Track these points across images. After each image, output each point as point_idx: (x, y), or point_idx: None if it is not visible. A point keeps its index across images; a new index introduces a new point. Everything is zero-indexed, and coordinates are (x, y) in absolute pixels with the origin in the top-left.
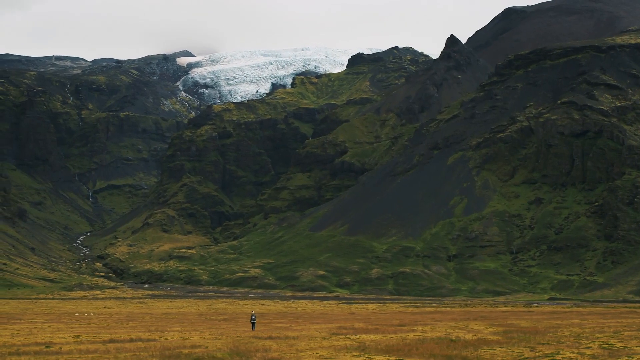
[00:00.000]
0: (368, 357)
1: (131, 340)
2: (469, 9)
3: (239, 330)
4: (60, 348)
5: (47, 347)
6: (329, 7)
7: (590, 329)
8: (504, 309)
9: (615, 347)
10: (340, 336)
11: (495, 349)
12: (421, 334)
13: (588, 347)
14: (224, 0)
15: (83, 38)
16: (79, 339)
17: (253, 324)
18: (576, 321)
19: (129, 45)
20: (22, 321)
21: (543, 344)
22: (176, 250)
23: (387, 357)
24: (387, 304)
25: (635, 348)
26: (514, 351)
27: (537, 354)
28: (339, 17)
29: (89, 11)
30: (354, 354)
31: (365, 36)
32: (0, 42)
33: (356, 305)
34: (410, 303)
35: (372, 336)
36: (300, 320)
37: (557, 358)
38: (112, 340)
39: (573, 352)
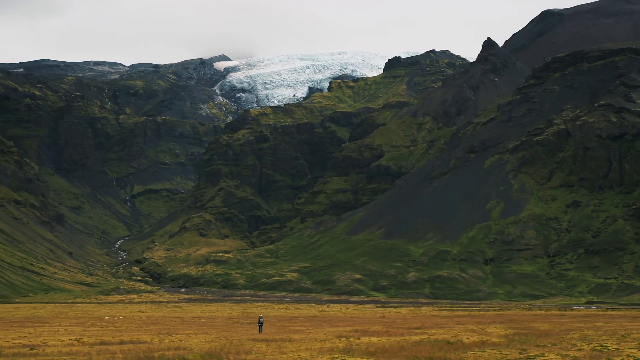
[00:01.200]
0: (345, 359)
1: (121, 343)
2: (506, 12)
3: (248, 333)
4: (44, 350)
5: (31, 349)
6: (366, 11)
7: (603, 332)
8: (537, 312)
9: (608, 349)
10: (343, 339)
11: (485, 351)
12: (428, 336)
13: (580, 350)
14: (262, 5)
15: (121, 43)
16: (75, 342)
17: (260, 326)
18: (599, 324)
19: (166, 50)
20: (46, 324)
21: (540, 346)
22: (213, 255)
23: (366, 359)
24: (421, 308)
25: (626, 350)
26: (502, 352)
27: (522, 355)
28: (376, 21)
29: (127, 17)
30: (335, 355)
31: (402, 40)
32: (39, 48)
33: (390, 309)
34: (445, 307)
35: (374, 339)
36: (324, 323)
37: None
38: (102, 343)
39: (558, 354)
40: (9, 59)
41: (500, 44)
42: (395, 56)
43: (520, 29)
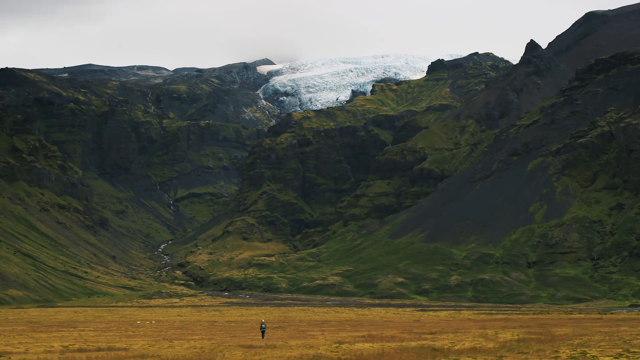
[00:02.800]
0: None
1: (98, 350)
2: (549, 13)
3: (248, 337)
4: (10, 357)
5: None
6: (409, 14)
7: (609, 338)
8: (577, 316)
9: (585, 356)
10: (334, 345)
11: (459, 358)
12: (426, 342)
13: (555, 358)
14: (305, 9)
15: (165, 48)
16: (52, 349)
17: (263, 332)
18: (624, 328)
19: (210, 55)
20: (69, 329)
21: (524, 353)
22: (255, 258)
23: None
24: (461, 311)
25: (601, 358)
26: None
27: None
28: (419, 24)
29: (170, 22)
30: None
31: (445, 42)
32: (84, 53)
33: (430, 312)
34: (486, 310)
35: (367, 345)
36: (348, 327)
37: None
38: (80, 350)
39: None
40: (54, 64)
41: (544, 46)
42: (439, 59)
43: (563, 30)
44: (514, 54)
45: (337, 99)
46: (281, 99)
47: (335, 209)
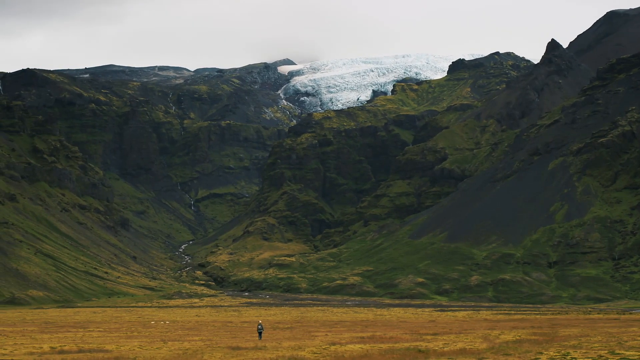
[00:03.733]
0: None
1: (80, 351)
2: (570, 13)
3: (246, 338)
4: None
5: None
6: (430, 14)
7: (607, 339)
8: (595, 316)
9: (567, 357)
10: (334, 346)
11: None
12: (420, 343)
13: (539, 353)
14: (326, 9)
15: (186, 48)
16: (51, 349)
17: (260, 333)
18: (633, 329)
19: (231, 55)
20: (79, 330)
21: (508, 354)
22: (276, 258)
23: None
24: (480, 312)
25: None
26: None
27: None
28: (440, 24)
29: (191, 22)
30: None
31: (466, 42)
32: (105, 54)
33: (448, 313)
34: (505, 310)
35: (357, 346)
36: (356, 328)
37: None
38: (61, 352)
39: None
40: (75, 64)
41: (565, 45)
42: (460, 59)
43: (585, 30)
44: (535, 54)
45: (358, 99)
46: (302, 99)
47: (356, 209)
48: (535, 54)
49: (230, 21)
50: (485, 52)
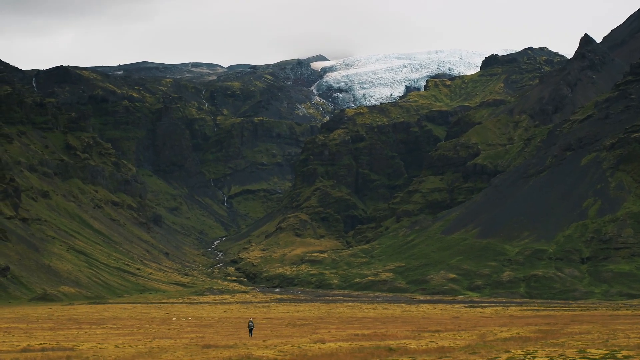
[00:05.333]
0: None
1: (43, 350)
2: (604, 7)
3: (239, 336)
4: None
5: None
6: (463, 9)
7: (608, 335)
8: (621, 312)
9: (529, 354)
10: (314, 344)
11: (402, 358)
12: (409, 340)
13: (507, 353)
14: (359, 5)
15: (220, 45)
16: (26, 346)
17: (250, 330)
18: None
19: (264, 51)
20: (92, 327)
21: (475, 352)
22: (308, 254)
23: None
24: (509, 308)
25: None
26: (419, 358)
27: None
28: (474, 19)
29: (225, 18)
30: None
31: (499, 37)
32: (139, 51)
33: (477, 309)
34: (535, 307)
35: (336, 344)
36: (370, 325)
37: None
38: (25, 350)
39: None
40: (109, 61)
41: (598, 40)
42: (493, 54)
43: (618, 24)
44: (568, 49)
45: (391, 94)
46: (335, 95)
47: (388, 205)
48: (568, 49)
49: (264, 17)
50: (518, 48)
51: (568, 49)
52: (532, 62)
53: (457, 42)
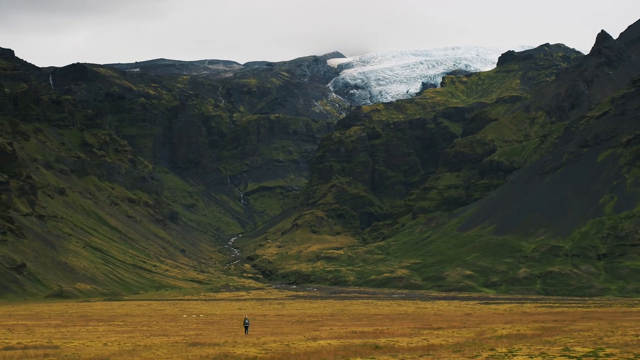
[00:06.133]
0: None
1: (24, 348)
2: (621, 3)
3: (234, 333)
4: None
5: None
6: (480, 6)
7: (593, 333)
8: (635, 309)
9: (512, 352)
10: (302, 342)
11: (383, 356)
12: (393, 339)
13: (474, 357)
14: (375, 2)
15: (237, 42)
16: (14, 345)
17: (246, 327)
18: None
19: (280, 48)
20: (99, 323)
21: (459, 351)
22: (324, 251)
23: None
24: (523, 304)
25: (517, 356)
26: (400, 356)
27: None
28: (490, 15)
29: (242, 15)
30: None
31: (516, 34)
32: (156, 48)
33: (492, 305)
34: (549, 303)
35: (326, 342)
36: (377, 322)
37: None
38: (7, 348)
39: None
40: (126, 59)
41: (615, 36)
42: (509, 50)
43: (635, 21)
44: (585, 45)
45: (408, 91)
46: (351, 92)
47: (405, 201)
48: (585, 45)
49: (280, 14)
50: (535, 44)
51: (585, 45)
52: (549, 58)
53: (474, 38)
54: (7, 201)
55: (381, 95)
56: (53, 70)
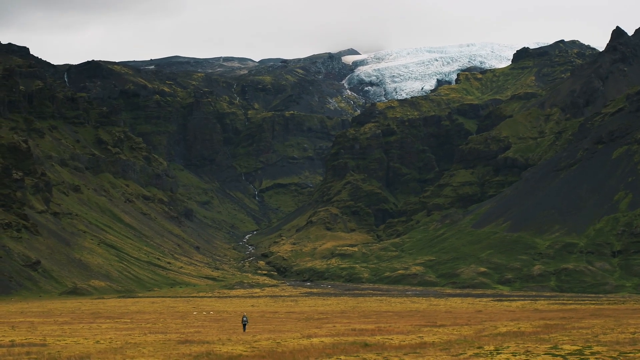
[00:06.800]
0: None
1: (11, 346)
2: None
3: (233, 331)
4: None
5: None
6: (494, 2)
7: (602, 330)
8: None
9: (498, 350)
10: (293, 340)
11: (368, 354)
12: (388, 337)
13: (458, 355)
14: None
15: (252, 39)
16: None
17: (244, 325)
18: None
19: (295, 45)
20: (107, 320)
21: (446, 348)
22: (338, 248)
23: None
24: (537, 301)
25: (500, 354)
26: (382, 355)
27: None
28: (505, 12)
29: (256, 13)
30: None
31: (531, 30)
32: (166, 46)
33: (505, 302)
34: (563, 301)
35: (318, 339)
36: (382, 319)
37: None
38: None
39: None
40: (140, 56)
41: (630, 32)
42: (524, 47)
43: None
44: (600, 41)
45: (422, 88)
46: (366, 88)
47: (419, 198)
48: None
49: (295, 11)
50: (550, 41)
51: (600, 41)
52: (564, 55)
53: (489, 35)
54: (22, 198)
55: (396, 92)
56: (68, 68)
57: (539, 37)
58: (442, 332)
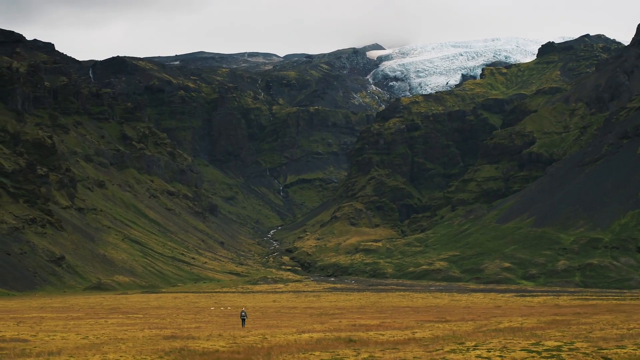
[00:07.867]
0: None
1: (2, 341)
2: None
3: (231, 326)
4: None
5: None
6: None
7: (602, 326)
8: None
9: (487, 346)
10: (282, 336)
11: (346, 350)
12: (382, 332)
13: (436, 351)
14: None
15: (277, 35)
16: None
17: (243, 320)
18: None
19: (320, 40)
20: (119, 316)
21: (429, 344)
22: (362, 244)
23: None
24: (560, 297)
25: (479, 350)
26: (366, 350)
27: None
28: (531, 7)
29: (281, 8)
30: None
31: (557, 25)
32: (196, 41)
33: (527, 298)
34: (586, 296)
35: (308, 335)
36: (401, 313)
37: (376, 355)
38: None
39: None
40: (165, 52)
41: None
42: (549, 42)
43: None
44: (625, 36)
45: (447, 83)
46: (391, 84)
47: (444, 193)
48: (625, 36)
49: (320, 7)
50: (575, 35)
51: (625, 36)
52: (589, 49)
53: (514, 29)
54: (46, 194)
55: (420, 87)
56: (93, 64)
57: (564, 32)
58: (442, 327)
